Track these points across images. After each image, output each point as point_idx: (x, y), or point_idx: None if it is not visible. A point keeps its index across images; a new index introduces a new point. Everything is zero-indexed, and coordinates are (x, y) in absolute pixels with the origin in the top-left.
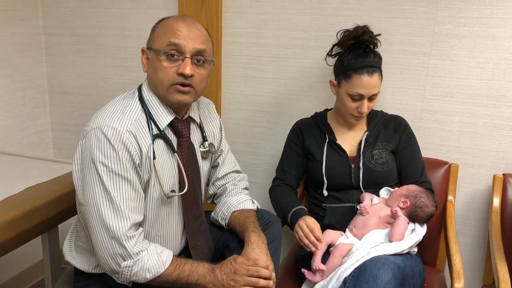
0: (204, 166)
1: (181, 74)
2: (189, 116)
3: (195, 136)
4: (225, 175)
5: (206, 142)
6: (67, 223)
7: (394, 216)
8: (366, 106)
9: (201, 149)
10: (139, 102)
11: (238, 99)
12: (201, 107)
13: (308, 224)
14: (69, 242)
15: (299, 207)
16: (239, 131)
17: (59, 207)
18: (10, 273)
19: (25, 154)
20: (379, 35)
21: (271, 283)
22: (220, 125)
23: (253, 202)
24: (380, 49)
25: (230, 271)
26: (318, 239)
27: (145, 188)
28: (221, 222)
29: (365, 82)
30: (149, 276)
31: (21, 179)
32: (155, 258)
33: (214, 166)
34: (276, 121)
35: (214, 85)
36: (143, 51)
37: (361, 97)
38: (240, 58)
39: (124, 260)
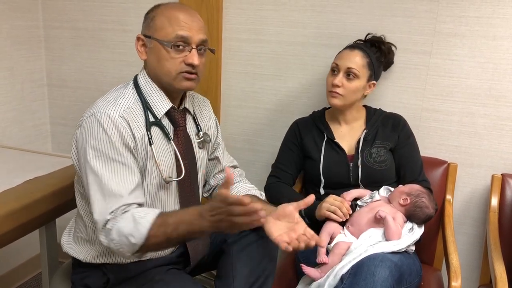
0: (200, 155)
1: (189, 64)
2: (184, 107)
3: (190, 127)
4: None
5: (201, 132)
6: (65, 217)
7: (379, 220)
8: (338, 79)
9: (196, 139)
10: (133, 91)
11: (237, 96)
12: (195, 101)
13: (337, 199)
14: (68, 234)
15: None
16: (238, 128)
17: (57, 201)
18: (7, 267)
19: (23, 147)
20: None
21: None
22: (216, 121)
23: (261, 195)
24: None
25: (213, 208)
26: (348, 210)
27: (143, 174)
28: None
29: (343, 54)
30: (134, 241)
31: (19, 173)
32: (131, 221)
33: (212, 159)
34: (276, 118)
35: (214, 82)
36: (139, 38)
37: (338, 70)
38: (240, 54)
39: (108, 236)
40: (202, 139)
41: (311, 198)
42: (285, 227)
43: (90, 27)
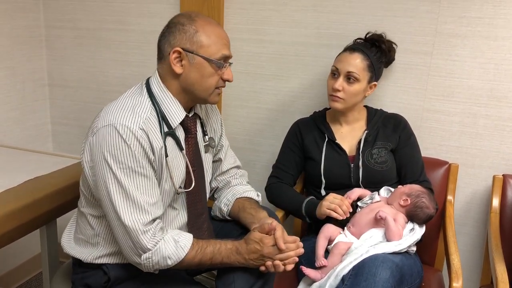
0: (207, 159)
1: (226, 80)
2: (195, 113)
3: (199, 132)
4: (227, 170)
5: (206, 137)
6: (65, 217)
7: (379, 220)
8: (338, 83)
9: (203, 144)
10: (148, 99)
11: (239, 96)
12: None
13: (337, 197)
14: (68, 235)
15: (311, 197)
16: (240, 128)
17: (58, 200)
18: (8, 267)
19: (24, 147)
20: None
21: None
22: (221, 121)
23: (258, 195)
24: None
25: (257, 251)
26: (348, 208)
27: (160, 182)
28: (223, 208)
29: (343, 56)
30: (170, 262)
31: (20, 172)
32: (173, 245)
33: (215, 161)
34: (277, 118)
35: None
36: (176, 51)
37: (338, 74)
38: (242, 54)
39: (144, 253)
40: (207, 143)
41: (273, 224)
42: None
43: (92, 26)
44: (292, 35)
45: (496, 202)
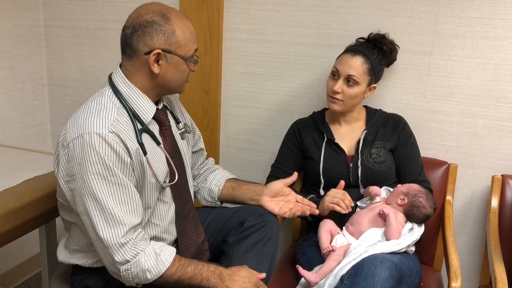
0: (184, 148)
1: (192, 71)
2: (164, 105)
3: (172, 122)
4: (205, 160)
5: (180, 124)
6: None
7: (382, 216)
8: (338, 85)
9: (178, 131)
10: (113, 99)
11: (238, 96)
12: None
13: (339, 192)
14: (63, 249)
15: (311, 195)
16: (239, 128)
17: (57, 200)
18: (7, 266)
19: (24, 146)
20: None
21: None
22: (180, 103)
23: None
24: None
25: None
26: (350, 202)
27: (143, 180)
28: (214, 188)
29: (344, 58)
30: (150, 276)
31: (19, 172)
32: (154, 258)
33: (197, 151)
34: (276, 118)
35: (214, 81)
36: (159, 54)
37: (338, 75)
38: (241, 54)
39: (122, 265)
40: (183, 129)
41: (294, 175)
42: (281, 201)
43: (91, 26)
44: (291, 35)
45: (495, 202)
